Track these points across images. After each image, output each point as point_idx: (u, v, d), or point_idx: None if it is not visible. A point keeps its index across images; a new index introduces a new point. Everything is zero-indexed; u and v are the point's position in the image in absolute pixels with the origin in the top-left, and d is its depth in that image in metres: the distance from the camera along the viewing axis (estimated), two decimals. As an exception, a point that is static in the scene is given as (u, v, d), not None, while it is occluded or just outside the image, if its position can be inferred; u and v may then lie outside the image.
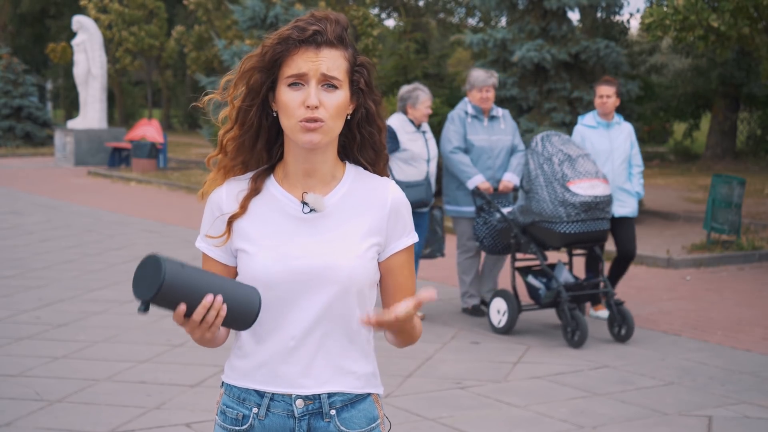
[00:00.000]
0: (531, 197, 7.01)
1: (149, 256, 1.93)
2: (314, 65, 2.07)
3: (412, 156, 7.44)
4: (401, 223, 2.20)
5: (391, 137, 7.31)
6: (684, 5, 10.93)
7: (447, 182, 7.77)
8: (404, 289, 2.21)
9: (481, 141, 7.65)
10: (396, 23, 31.88)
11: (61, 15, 37.89)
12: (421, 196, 7.37)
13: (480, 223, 7.42)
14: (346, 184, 2.18)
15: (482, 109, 7.69)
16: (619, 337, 7.03)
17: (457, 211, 7.74)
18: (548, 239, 7.04)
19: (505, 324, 7.18)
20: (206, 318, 1.96)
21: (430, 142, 7.63)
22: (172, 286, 1.90)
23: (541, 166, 6.97)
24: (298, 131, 2.08)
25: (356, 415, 2.17)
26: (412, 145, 7.45)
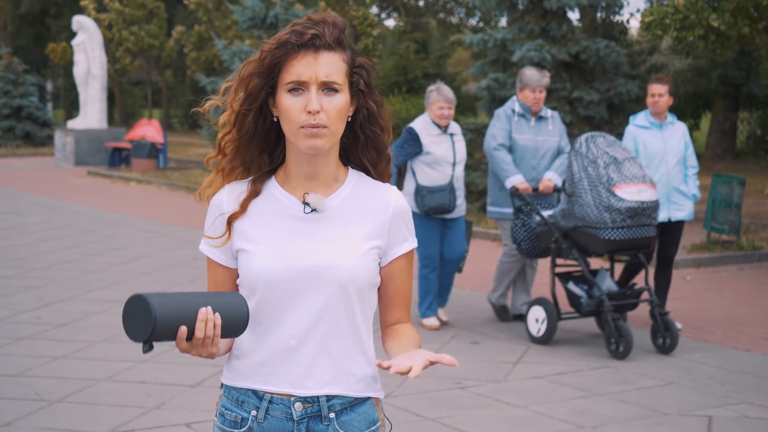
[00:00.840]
0: (574, 201, 6.73)
1: (131, 297, 1.93)
2: (313, 70, 2.06)
3: (436, 159, 7.16)
4: (403, 228, 2.20)
5: (413, 139, 7.14)
6: (684, 4, 10.93)
7: (490, 183, 7.56)
8: (402, 293, 2.22)
9: (525, 140, 7.40)
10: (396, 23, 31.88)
11: (61, 15, 37.88)
12: (442, 202, 7.13)
13: (518, 225, 7.15)
14: (349, 187, 2.18)
15: (531, 109, 7.43)
16: (662, 348, 6.77)
17: (500, 212, 7.51)
18: (591, 245, 6.76)
19: (545, 333, 6.90)
20: (206, 332, 1.97)
21: (458, 144, 7.30)
22: (165, 317, 1.91)
23: (585, 168, 6.69)
24: (300, 137, 2.08)
25: (355, 419, 2.16)
26: (436, 148, 7.16)
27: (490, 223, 12.77)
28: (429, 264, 7.30)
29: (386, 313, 2.24)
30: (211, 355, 2.05)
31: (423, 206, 7.11)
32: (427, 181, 7.14)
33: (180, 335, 1.95)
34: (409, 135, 7.18)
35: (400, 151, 7.16)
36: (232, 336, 2.07)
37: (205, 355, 2.02)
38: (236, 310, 2.03)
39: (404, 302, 2.24)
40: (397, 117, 14.02)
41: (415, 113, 14.44)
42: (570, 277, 7.06)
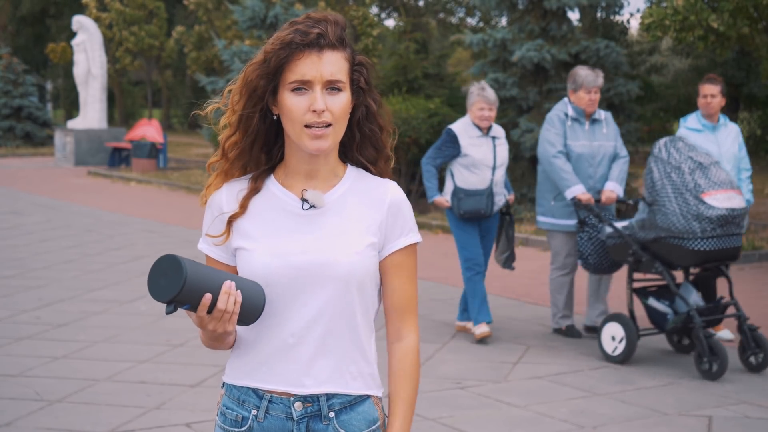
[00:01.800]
0: (656, 210, 6.26)
1: (162, 257, 1.95)
2: (318, 70, 2.06)
3: (474, 162, 6.88)
4: (400, 222, 2.18)
5: (451, 141, 6.92)
6: (683, 5, 10.93)
7: (542, 191, 7.14)
8: (401, 294, 2.20)
9: (581, 147, 6.97)
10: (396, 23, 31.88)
11: (61, 15, 37.89)
12: (478, 206, 6.88)
13: (584, 238, 6.74)
14: (347, 183, 2.18)
15: (585, 112, 7.06)
16: (753, 366, 6.30)
17: (553, 224, 7.09)
18: (677, 257, 6.30)
19: (623, 352, 6.42)
20: (227, 306, 1.98)
21: (499, 148, 6.98)
22: (194, 279, 1.93)
23: (669, 175, 6.23)
24: (304, 137, 2.08)
25: (355, 417, 2.16)
26: (475, 151, 6.88)
27: (490, 223, 12.76)
28: (472, 266, 7.04)
29: (387, 318, 2.23)
30: (225, 334, 2.06)
31: (459, 209, 6.91)
32: (465, 183, 6.91)
33: (204, 302, 1.96)
34: (447, 136, 6.97)
35: (437, 152, 6.98)
36: (247, 322, 2.08)
37: (221, 330, 2.02)
38: (255, 296, 2.06)
39: (404, 305, 2.21)
40: (397, 117, 14.01)
41: (415, 113, 14.44)
42: (649, 292, 6.59)
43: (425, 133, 14.39)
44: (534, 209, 13.14)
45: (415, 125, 14.27)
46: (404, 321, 2.21)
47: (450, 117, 14.78)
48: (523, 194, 13.47)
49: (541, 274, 9.85)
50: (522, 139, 13.17)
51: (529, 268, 10.13)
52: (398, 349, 2.20)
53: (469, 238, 7.05)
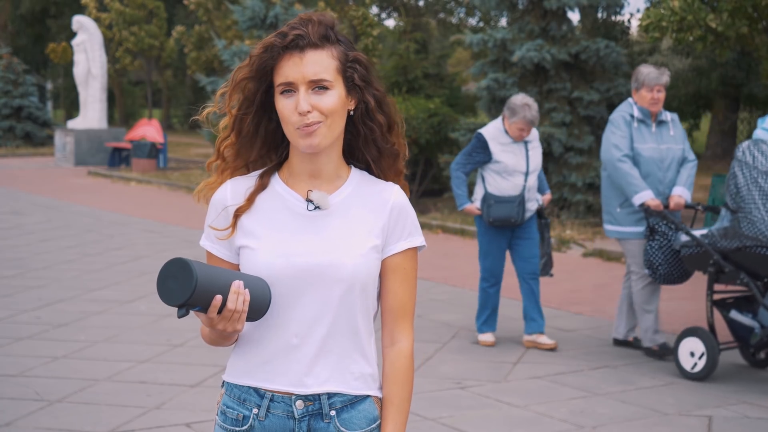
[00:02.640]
0: (741, 218, 5.91)
1: (171, 260, 1.96)
2: (300, 71, 2.08)
3: (506, 168, 6.63)
4: (401, 225, 2.19)
5: (481, 147, 6.67)
6: (680, 6, 10.92)
7: (607, 198, 6.71)
8: (397, 295, 2.20)
9: (649, 150, 6.56)
10: (396, 23, 31.89)
11: (61, 15, 37.89)
12: (509, 214, 6.61)
13: (654, 247, 6.33)
14: (351, 185, 2.19)
15: (650, 113, 6.61)
16: None
17: (622, 232, 6.66)
18: (765, 267, 5.91)
19: (703, 368, 6.06)
20: (236, 305, 2.00)
21: (532, 152, 6.72)
22: (204, 282, 1.94)
23: (755, 180, 5.89)
24: (296, 137, 2.10)
25: (356, 416, 2.17)
26: (506, 157, 6.63)
27: (490, 223, 12.77)
28: (489, 277, 6.84)
29: (382, 321, 2.23)
30: (233, 332, 2.08)
31: (488, 216, 6.65)
32: (496, 190, 6.66)
33: (215, 303, 1.97)
34: (477, 142, 6.71)
35: (467, 159, 6.74)
36: (254, 318, 2.09)
37: (230, 330, 2.03)
38: (262, 292, 2.07)
39: (399, 309, 2.21)
40: (397, 117, 14.01)
41: (415, 113, 14.44)
42: (729, 304, 6.21)
43: (425, 133, 14.39)
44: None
45: (415, 125, 14.27)
46: (398, 325, 2.21)
47: (450, 117, 14.80)
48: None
49: (541, 274, 9.85)
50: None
51: (529, 268, 10.13)
52: (391, 354, 2.21)
53: (493, 248, 6.82)
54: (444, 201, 14.68)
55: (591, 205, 13.01)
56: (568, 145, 13.17)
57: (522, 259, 6.86)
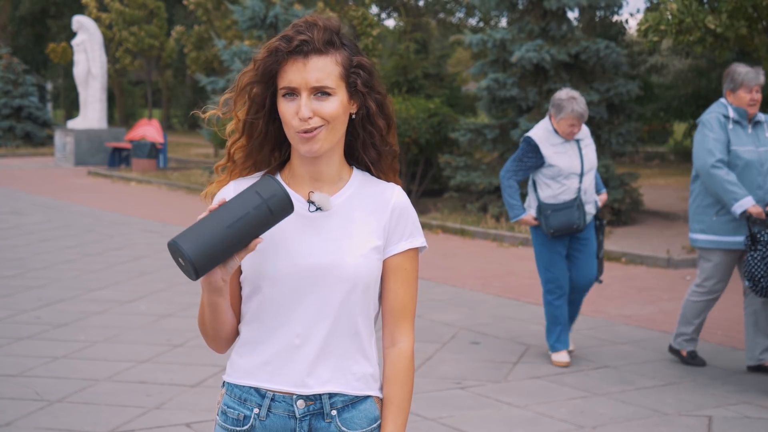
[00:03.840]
0: None
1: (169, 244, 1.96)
2: (303, 76, 2.08)
3: (560, 171, 6.21)
4: (401, 226, 2.20)
5: (532, 151, 6.24)
6: (678, 8, 10.92)
7: (700, 206, 6.22)
8: (397, 295, 2.20)
9: (748, 153, 6.12)
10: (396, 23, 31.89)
11: (61, 15, 37.90)
12: (570, 220, 6.20)
13: (756, 258, 5.87)
14: (353, 186, 2.20)
15: (747, 113, 6.19)
16: None
17: (715, 241, 6.17)
18: None
19: None
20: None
21: (585, 150, 6.30)
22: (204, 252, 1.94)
23: None
24: (297, 141, 2.11)
25: (357, 416, 2.17)
26: (559, 159, 6.20)
27: (490, 222, 12.79)
28: (554, 289, 6.37)
29: (383, 321, 2.24)
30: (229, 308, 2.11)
31: (548, 227, 6.22)
32: (551, 197, 6.24)
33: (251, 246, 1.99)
34: (527, 146, 6.27)
35: (518, 165, 6.29)
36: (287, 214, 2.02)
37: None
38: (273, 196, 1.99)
39: (399, 310, 2.21)
40: (397, 117, 13.99)
41: (415, 113, 14.44)
42: None
43: (425, 133, 14.39)
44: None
45: (415, 125, 14.27)
46: (398, 325, 2.22)
47: (450, 117, 14.80)
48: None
49: (541, 274, 9.85)
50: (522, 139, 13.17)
51: (529, 268, 10.13)
52: (390, 355, 2.21)
53: (555, 258, 6.37)
54: (444, 201, 14.68)
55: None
56: (568, 145, 13.15)
57: (578, 269, 6.44)
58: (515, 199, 6.35)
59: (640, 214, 13.91)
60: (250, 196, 1.98)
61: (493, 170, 13.63)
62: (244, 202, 1.97)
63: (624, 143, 13.85)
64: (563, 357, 6.42)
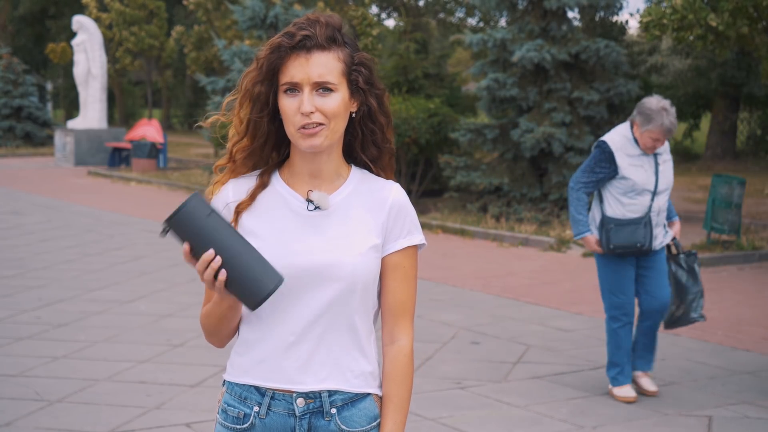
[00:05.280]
0: None
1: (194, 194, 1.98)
2: (305, 72, 2.08)
3: (633, 186, 5.59)
4: (400, 224, 2.20)
5: (607, 160, 5.61)
6: (682, 4, 10.93)
7: None
8: (396, 293, 2.21)
9: None
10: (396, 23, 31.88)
11: (61, 15, 37.89)
12: (633, 239, 5.60)
13: None
14: (352, 184, 2.20)
15: None
16: None
17: None
18: None
19: None
20: (205, 274, 1.98)
21: (663, 167, 5.68)
22: (185, 222, 1.95)
23: None
24: (298, 138, 2.11)
25: (357, 414, 2.18)
26: (634, 173, 5.58)
27: (490, 222, 12.79)
28: (620, 316, 5.80)
29: (382, 319, 2.24)
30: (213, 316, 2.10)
31: (608, 243, 5.63)
32: (617, 212, 5.65)
33: (184, 248, 1.99)
34: (601, 154, 5.64)
35: (590, 174, 5.68)
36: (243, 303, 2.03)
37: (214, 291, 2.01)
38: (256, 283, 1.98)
39: (398, 308, 2.22)
40: (397, 117, 13.99)
41: (415, 113, 14.44)
42: None
43: (425, 133, 14.39)
44: (533, 209, 13.16)
45: (415, 125, 14.27)
46: (397, 323, 2.22)
47: (450, 117, 14.79)
48: (523, 194, 13.48)
49: (541, 273, 9.85)
50: (522, 139, 13.17)
51: (529, 268, 10.14)
52: (389, 353, 2.22)
53: (621, 281, 5.77)
54: (444, 201, 14.67)
55: (591, 205, 13.00)
56: (568, 145, 13.17)
57: (647, 293, 5.82)
58: (582, 214, 5.75)
59: (640, 214, 13.89)
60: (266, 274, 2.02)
61: (493, 170, 13.63)
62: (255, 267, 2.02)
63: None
64: (628, 392, 5.78)
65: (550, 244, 11.44)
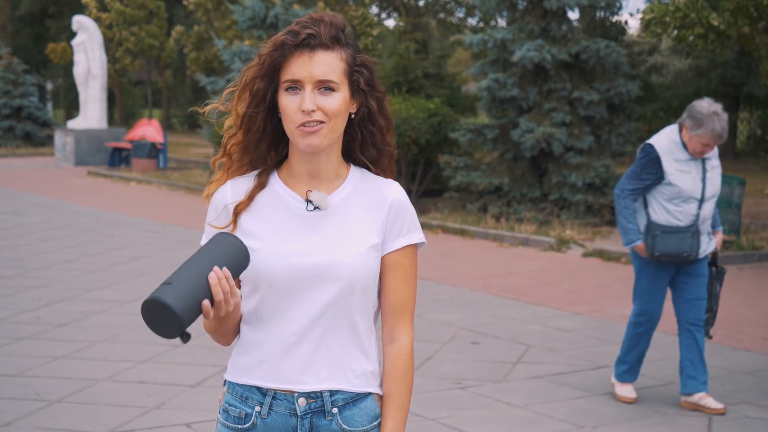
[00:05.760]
0: None
1: (145, 303, 1.93)
2: (308, 70, 2.09)
3: (679, 193, 5.41)
4: (399, 222, 2.20)
5: (654, 165, 5.41)
6: (684, 3, 10.93)
7: None
8: (396, 292, 2.21)
9: None
10: (396, 23, 31.88)
11: (61, 15, 37.89)
12: (680, 248, 5.42)
13: None
14: (351, 184, 2.20)
15: None
16: None
17: None
18: None
19: None
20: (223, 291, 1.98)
21: (710, 173, 5.47)
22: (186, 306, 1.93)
23: None
24: (297, 136, 2.11)
25: (358, 413, 2.18)
26: (681, 179, 5.39)
27: (490, 222, 12.79)
28: (644, 322, 5.68)
29: (382, 318, 2.24)
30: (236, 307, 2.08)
31: (653, 249, 5.46)
32: (662, 218, 5.48)
33: (205, 311, 1.97)
34: (648, 159, 5.44)
35: (636, 181, 5.48)
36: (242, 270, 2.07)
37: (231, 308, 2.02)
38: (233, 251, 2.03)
39: (398, 307, 2.22)
40: (397, 117, 13.99)
41: (415, 113, 14.43)
42: None
43: (425, 133, 14.39)
44: (533, 209, 13.16)
45: (415, 125, 14.27)
46: (397, 322, 2.22)
47: (450, 117, 14.79)
48: (523, 194, 13.48)
49: (541, 273, 9.86)
50: (522, 139, 13.17)
51: (529, 268, 10.14)
52: (390, 351, 2.22)
53: (656, 289, 5.63)
54: (444, 201, 14.68)
55: (591, 205, 13.01)
56: (568, 145, 13.17)
57: (686, 301, 5.64)
58: (632, 222, 5.53)
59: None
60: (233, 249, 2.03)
61: (493, 170, 13.63)
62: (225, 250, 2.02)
63: (624, 143, 13.85)
64: (628, 392, 5.75)
65: (550, 244, 11.44)
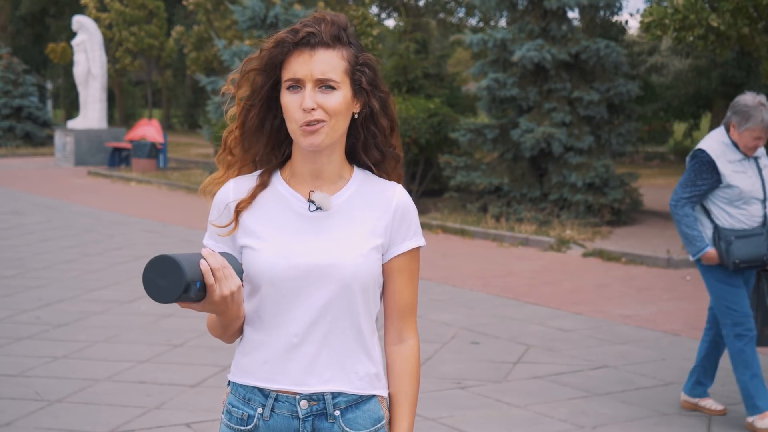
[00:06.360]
0: None
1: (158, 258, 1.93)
2: (308, 68, 2.08)
3: (740, 194, 5.14)
4: (405, 225, 2.20)
5: (709, 170, 5.14)
6: (684, 4, 10.94)
7: None
8: (402, 296, 2.22)
9: None
10: (396, 23, 31.89)
11: (61, 15, 37.90)
12: (758, 252, 5.12)
13: None
14: (354, 185, 2.20)
15: None
16: None
17: None
18: None
19: None
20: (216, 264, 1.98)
21: (766, 171, 5.25)
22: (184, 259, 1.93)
23: None
24: (299, 135, 2.10)
25: (361, 416, 2.17)
26: (740, 180, 5.13)
27: (490, 222, 12.79)
28: (743, 332, 5.21)
29: (387, 320, 2.24)
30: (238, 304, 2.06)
31: (730, 257, 5.11)
32: (728, 223, 5.19)
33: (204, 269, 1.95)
34: (701, 164, 5.17)
35: (692, 188, 5.18)
36: None
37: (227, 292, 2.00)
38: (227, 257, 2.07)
39: (405, 308, 2.23)
40: (397, 117, 14.01)
41: (415, 113, 14.43)
42: None
43: (425, 133, 14.39)
44: (533, 209, 13.16)
45: (415, 125, 14.27)
46: (405, 323, 2.24)
47: (450, 117, 14.79)
48: (523, 194, 13.48)
49: (541, 273, 9.86)
50: (522, 139, 13.17)
51: (529, 268, 10.14)
52: (400, 351, 2.23)
53: (738, 294, 5.23)
54: (444, 201, 14.67)
55: (591, 205, 13.01)
56: (568, 145, 13.17)
57: None
58: (695, 229, 5.21)
59: (640, 214, 13.91)
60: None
61: (493, 170, 13.63)
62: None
63: (624, 143, 13.85)
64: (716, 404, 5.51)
65: (550, 244, 11.44)
